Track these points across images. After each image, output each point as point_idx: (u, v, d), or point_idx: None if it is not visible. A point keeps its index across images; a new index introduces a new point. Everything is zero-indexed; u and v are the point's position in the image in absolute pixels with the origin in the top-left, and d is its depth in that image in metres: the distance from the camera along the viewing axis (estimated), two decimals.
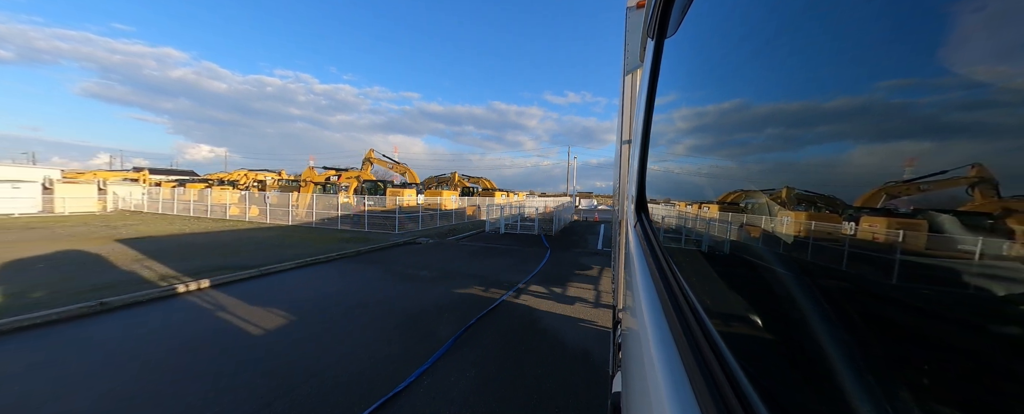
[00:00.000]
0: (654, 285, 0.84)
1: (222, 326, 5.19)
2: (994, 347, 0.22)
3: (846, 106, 0.33)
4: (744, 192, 0.69)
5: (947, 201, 0.26)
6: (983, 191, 0.28)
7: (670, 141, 1.13)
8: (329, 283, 7.58)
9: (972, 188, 0.30)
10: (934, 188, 0.33)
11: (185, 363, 4.14)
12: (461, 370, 4.10)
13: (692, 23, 0.91)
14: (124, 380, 3.77)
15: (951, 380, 0.24)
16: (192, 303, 6.13)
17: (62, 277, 7.21)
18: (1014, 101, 0.20)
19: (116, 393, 3.53)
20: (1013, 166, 0.21)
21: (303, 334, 4.97)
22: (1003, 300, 0.22)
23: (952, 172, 0.28)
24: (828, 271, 0.42)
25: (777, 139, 0.48)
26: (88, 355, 4.27)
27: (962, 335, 0.24)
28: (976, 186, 0.29)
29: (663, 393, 0.48)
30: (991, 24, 0.21)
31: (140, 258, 9.23)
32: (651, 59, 1.29)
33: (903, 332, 0.29)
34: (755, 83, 0.56)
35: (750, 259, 0.66)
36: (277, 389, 3.63)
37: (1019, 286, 0.22)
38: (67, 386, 3.63)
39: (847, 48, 0.33)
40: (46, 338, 4.68)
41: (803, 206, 0.45)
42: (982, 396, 0.22)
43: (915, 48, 0.25)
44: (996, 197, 0.26)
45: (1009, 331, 0.21)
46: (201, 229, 15.71)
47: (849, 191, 0.36)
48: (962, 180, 0.29)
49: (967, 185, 0.29)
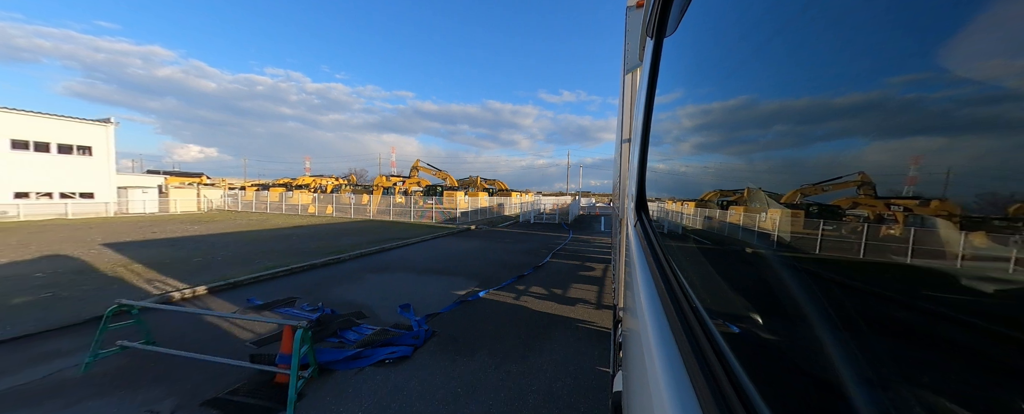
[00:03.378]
0: (654, 284, 0.85)
1: (435, 252, 11.42)
2: (996, 347, 0.21)
3: (848, 104, 0.32)
4: (744, 191, 0.68)
5: (951, 203, 0.25)
6: (866, 192, 0.33)
7: (670, 141, 1.14)
8: (458, 245, 13.79)
9: (859, 190, 0.34)
10: (833, 189, 0.37)
11: (436, 257, 10.36)
12: (561, 259, 10.39)
13: (691, 22, 0.91)
14: (425, 259, 10.01)
15: (952, 380, 0.24)
16: (398, 252, 12.38)
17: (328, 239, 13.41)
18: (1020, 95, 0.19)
19: (428, 261, 9.75)
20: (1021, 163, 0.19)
21: (475, 256, 11.21)
22: (1006, 301, 0.22)
23: (845, 177, 0.33)
24: (827, 269, 0.42)
25: (776, 138, 0.48)
26: (403, 255, 10.50)
27: (964, 335, 0.23)
28: (861, 188, 0.33)
29: (664, 392, 0.48)
30: (995, 16, 0.20)
31: (334, 235, 15.42)
32: (650, 58, 1.30)
33: (904, 331, 0.29)
34: (754, 82, 0.56)
35: (749, 257, 0.66)
36: (484, 264, 9.90)
37: (1021, 286, 0.22)
38: (411, 259, 9.85)
39: (846, 47, 0.33)
40: (381, 254, 10.91)
41: (802, 204, 0.45)
42: (984, 396, 0.22)
43: (914, 44, 0.25)
44: (874, 197, 0.31)
45: (1012, 331, 0.20)
46: (311, 222, 21.79)
47: (849, 190, 0.35)
48: (850, 183, 0.33)
49: (854, 187, 0.34)
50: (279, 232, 15.92)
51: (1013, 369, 0.20)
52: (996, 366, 0.21)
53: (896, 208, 0.31)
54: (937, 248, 0.27)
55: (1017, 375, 0.20)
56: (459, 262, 10.17)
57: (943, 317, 0.26)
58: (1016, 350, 0.20)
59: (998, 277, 0.23)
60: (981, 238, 0.24)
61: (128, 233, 15.02)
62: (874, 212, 0.34)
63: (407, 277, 8.30)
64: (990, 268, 0.23)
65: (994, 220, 0.22)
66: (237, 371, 3.86)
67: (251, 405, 3.30)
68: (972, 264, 0.25)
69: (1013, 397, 0.20)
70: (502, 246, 13.37)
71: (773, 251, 0.56)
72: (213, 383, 3.68)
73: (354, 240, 13.52)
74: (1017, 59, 0.19)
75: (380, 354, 4.30)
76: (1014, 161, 0.20)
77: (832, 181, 0.36)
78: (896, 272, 0.32)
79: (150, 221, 20.88)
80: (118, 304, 4.09)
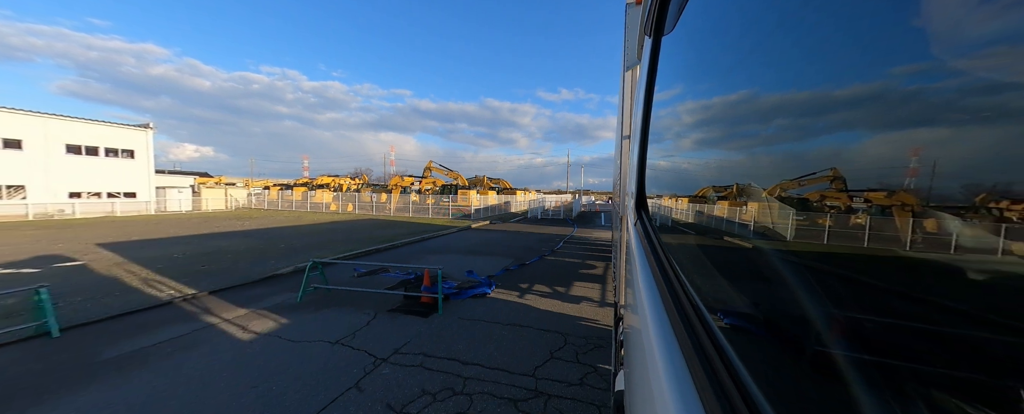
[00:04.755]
0: (655, 281, 0.85)
1: (468, 241, 13.94)
2: (999, 343, 0.21)
3: (848, 100, 0.32)
4: (743, 188, 0.68)
5: (955, 199, 0.24)
6: (838, 186, 0.33)
7: (670, 138, 1.14)
8: (482, 235, 16.32)
9: (831, 184, 0.34)
10: (808, 184, 0.38)
11: (470, 244, 12.89)
12: (570, 247, 12.99)
13: (689, 20, 0.91)
14: (463, 245, 12.57)
15: (955, 376, 0.24)
16: (437, 241, 14.92)
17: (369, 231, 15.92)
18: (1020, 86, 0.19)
19: (466, 247, 12.30)
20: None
21: (501, 243, 13.76)
22: (1009, 296, 0.22)
23: (818, 173, 0.34)
24: (827, 264, 0.42)
25: (775, 135, 0.48)
26: (444, 242, 13.02)
27: (967, 331, 0.24)
28: (833, 182, 0.34)
29: (665, 390, 0.48)
30: (995, 8, 0.20)
31: (370, 229, 17.91)
32: (648, 56, 1.29)
33: (905, 327, 0.28)
34: (752, 80, 0.56)
35: (749, 254, 0.66)
36: (512, 248, 12.47)
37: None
38: (451, 245, 12.39)
39: (843, 42, 0.33)
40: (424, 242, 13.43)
41: (803, 201, 0.45)
42: (986, 392, 0.22)
43: (913, 37, 0.25)
44: (846, 193, 0.32)
45: (1015, 326, 0.20)
46: (341, 219, 24.22)
47: (849, 185, 0.35)
48: (824, 179, 0.34)
49: (827, 182, 0.34)
50: (321, 227, 18.42)
51: (1015, 365, 0.20)
52: (999, 362, 0.21)
53: (897, 203, 0.29)
54: (939, 243, 0.26)
55: (1019, 371, 0.20)
56: (492, 247, 12.72)
57: (946, 313, 0.25)
58: (1019, 345, 0.20)
59: (1003, 271, 0.22)
60: (985, 232, 0.23)
61: (195, 228, 17.52)
62: (873, 206, 0.33)
63: (456, 257, 10.84)
64: (996, 262, 0.23)
65: (998, 214, 0.21)
66: (391, 299, 6.41)
67: (416, 311, 5.87)
68: (976, 259, 0.24)
69: (1015, 393, 0.20)
70: (520, 236, 15.98)
71: (772, 247, 0.56)
72: (381, 306, 6.21)
73: (392, 232, 16.05)
74: (1018, 50, 0.18)
75: (470, 293, 6.88)
76: (1017, 153, 0.19)
77: (807, 176, 0.39)
78: (897, 267, 0.32)
79: (200, 218, 23.30)
80: (312, 262, 6.63)
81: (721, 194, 0.84)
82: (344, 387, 3.76)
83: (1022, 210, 0.20)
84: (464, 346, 4.73)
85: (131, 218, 23.03)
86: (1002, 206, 0.21)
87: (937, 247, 0.27)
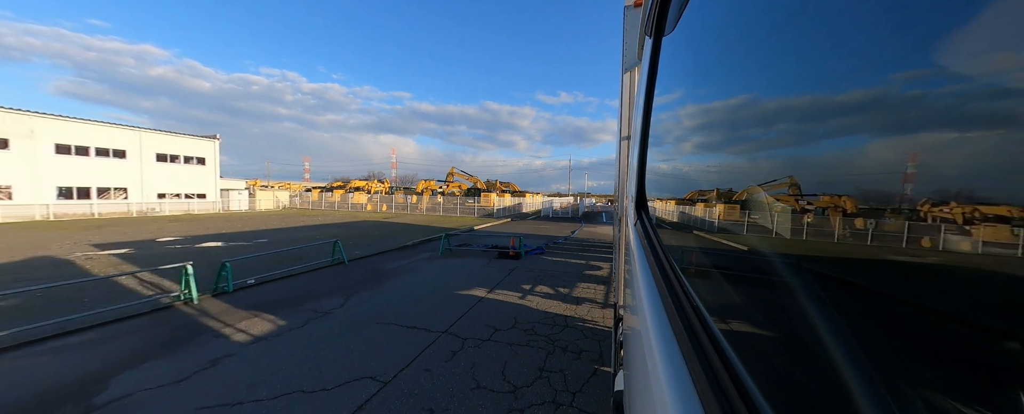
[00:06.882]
0: (655, 283, 0.85)
1: (505, 231, 18.89)
2: (999, 345, 0.21)
3: (847, 101, 0.32)
4: (743, 190, 0.68)
5: (954, 201, 0.24)
6: (793, 193, 0.36)
7: (670, 140, 1.14)
8: (513, 228, 21.25)
9: (790, 189, 0.36)
10: (807, 185, 0.40)
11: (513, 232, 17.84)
12: (582, 235, 18.03)
13: (689, 21, 0.91)
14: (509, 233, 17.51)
15: (954, 378, 0.24)
16: (484, 230, 19.86)
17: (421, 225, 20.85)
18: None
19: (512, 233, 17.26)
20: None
21: (530, 232, 18.73)
22: (1010, 298, 0.22)
23: (777, 180, 0.37)
24: (828, 268, 0.42)
25: (776, 136, 0.48)
26: (488, 231, 17.99)
27: (967, 333, 0.23)
28: (790, 189, 0.36)
29: (665, 391, 0.49)
30: (996, 12, 0.20)
31: (420, 223, 22.81)
32: (649, 57, 1.30)
33: (905, 329, 0.28)
34: (753, 81, 0.56)
35: (749, 256, 0.66)
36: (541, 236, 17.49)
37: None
38: (495, 233, 17.37)
39: (844, 44, 0.33)
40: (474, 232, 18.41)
41: (804, 203, 0.45)
42: (986, 394, 0.22)
43: (913, 41, 0.25)
44: (801, 199, 0.35)
45: (1015, 329, 0.20)
46: (387, 218, 29.13)
47: (849, 188, 0.36)
48: (782, 185, 0.37)
49: (785, 187, 0.36)
50: (379, 222, 23.34)
51: (1015, 365, 0.20)
52: (999, 364, 0.21)
53: (891, 205, 0.30)
54: (941, 246, 0.26)
55: (1019, 371, 0.20)
56: (526, 234, 17.67)
57: (946, 315, 0.25)
58: (1019, 348, 0.20)
59: (1004, 272, 0.23)
60: (987, 234, 0.23)
61: (281, 222, 22.46)
62: (878, 211, 0.32)
63: (506, 238, 15.82)
64: (996, 265, 0.23)
65: (1000, 216, 0.21)
66: (488, 254, 11.44)
67: (510, 258, 10.97)
68: (976, 261, 0.25)
69: (1015, 393, 0.20)
70: (542, 228, 21.02)
71: (772, 250, 0.56)
72: (486, 258, 11.17)
73: (440, 226, 21.00)
74: (1019, 55, 0.18)
75: (534, 252, 12.04)
76: (1016, 157, 0.19)
77: (769, 183, 0.40)
78: (895, 268, 0.32)
79: (265, 216, 28.19)
80: (445, 233, 11.67)
81: (721, 196, 0.84)
82: (502, 277, 8.78)
83: (1019, 213, 0.20)
84: (541, 270, 9.81)
85: (208, 215, 27.88)
86: (999, 210, 0.21)
87: (936, 249, 0.27)
